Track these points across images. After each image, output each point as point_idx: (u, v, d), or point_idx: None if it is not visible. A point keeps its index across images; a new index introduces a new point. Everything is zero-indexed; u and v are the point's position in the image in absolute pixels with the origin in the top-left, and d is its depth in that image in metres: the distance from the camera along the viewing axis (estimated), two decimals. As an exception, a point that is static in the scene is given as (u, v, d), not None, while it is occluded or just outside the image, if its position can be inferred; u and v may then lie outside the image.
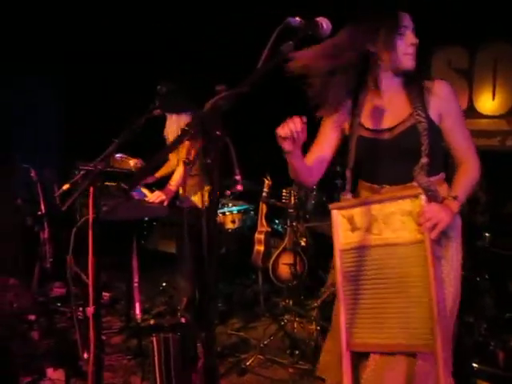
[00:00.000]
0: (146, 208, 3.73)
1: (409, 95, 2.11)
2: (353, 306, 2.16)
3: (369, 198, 2.19)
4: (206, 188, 4.04)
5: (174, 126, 4.02)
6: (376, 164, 2.18)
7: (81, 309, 4.27)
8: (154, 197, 3.82)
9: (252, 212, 5.02)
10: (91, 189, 2.23)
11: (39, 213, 5.16)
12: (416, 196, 2.02)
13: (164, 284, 5.00)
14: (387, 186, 2.16)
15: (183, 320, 3.27)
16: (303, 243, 4.36)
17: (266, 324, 4.24)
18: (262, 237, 4.39)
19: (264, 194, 4.38)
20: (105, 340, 4.18)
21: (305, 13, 1.66)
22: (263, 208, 4.40)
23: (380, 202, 2.12)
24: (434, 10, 4.60)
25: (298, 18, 1.56)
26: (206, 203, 3.94)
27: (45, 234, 5.13)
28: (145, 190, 3.98)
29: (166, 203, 3.79)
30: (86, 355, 3.69)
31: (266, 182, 4.36)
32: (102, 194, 3.71)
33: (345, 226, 2.21)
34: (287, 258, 4.24)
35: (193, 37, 5.87)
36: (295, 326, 3.96)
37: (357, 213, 2.17)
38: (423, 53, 2.12)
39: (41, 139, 6.07)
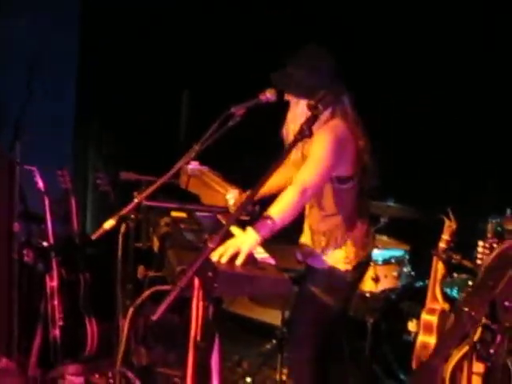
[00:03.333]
0: (255, 280, 1.71)
1: None
2: None
3: None
4: (356, 236, 2.12)
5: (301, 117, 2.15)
6: None
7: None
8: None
9: (407, 261, 3.22)
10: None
11: (44, 244, 3.32)
12: None
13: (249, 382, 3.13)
14: None
15: None
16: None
17: None
18: (435, 320, 2.47)
19: (442, 243, 2.49)
20: None
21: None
22: (439, 268, 2.50)
23: None
24: None
25: None
26: (353, 264, 2.16)
27: (52, 281, 3.30)
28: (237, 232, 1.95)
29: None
30: None
31: (448, 223, 2.48)
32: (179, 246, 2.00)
33: None
34: (482, 366, 2.34)
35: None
36: None
37: None
38: None
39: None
